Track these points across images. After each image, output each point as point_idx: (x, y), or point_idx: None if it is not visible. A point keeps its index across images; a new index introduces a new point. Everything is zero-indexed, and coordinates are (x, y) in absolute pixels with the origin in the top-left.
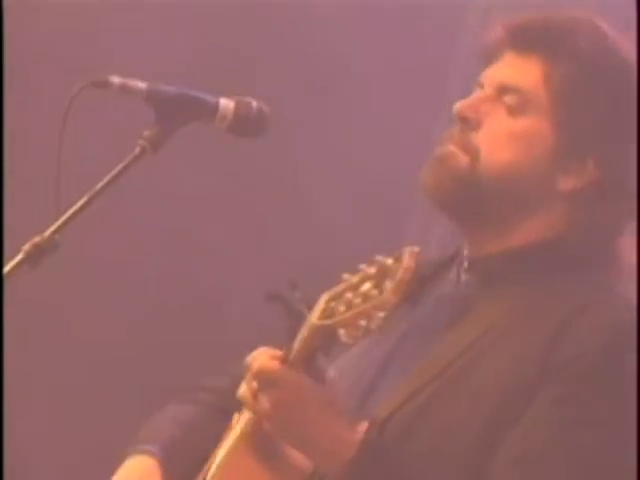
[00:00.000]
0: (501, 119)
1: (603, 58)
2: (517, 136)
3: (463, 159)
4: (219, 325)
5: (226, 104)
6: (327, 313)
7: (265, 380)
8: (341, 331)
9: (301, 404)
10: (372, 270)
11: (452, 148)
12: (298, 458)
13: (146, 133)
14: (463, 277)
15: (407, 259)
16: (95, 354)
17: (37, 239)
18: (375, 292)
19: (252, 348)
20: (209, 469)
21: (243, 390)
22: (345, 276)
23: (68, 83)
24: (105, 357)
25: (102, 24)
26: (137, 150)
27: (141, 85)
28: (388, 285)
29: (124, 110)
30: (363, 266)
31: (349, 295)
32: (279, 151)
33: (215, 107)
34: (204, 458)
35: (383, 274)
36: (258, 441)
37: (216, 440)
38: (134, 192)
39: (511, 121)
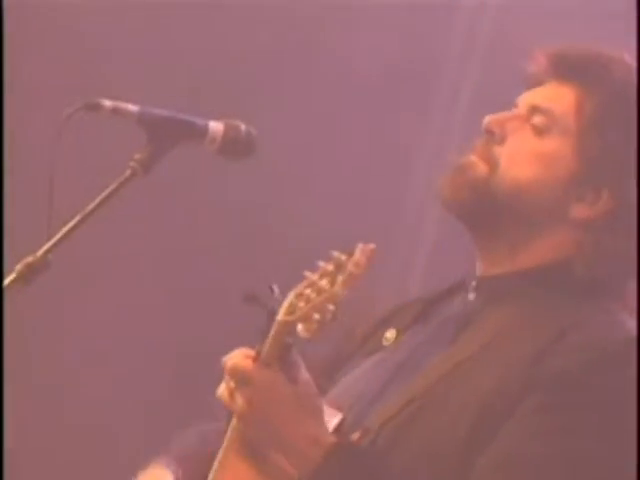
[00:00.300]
0: (526, 137)
1: (632, 93)
2: (538, 156)
3: (481, 169)
4: (212, 333)
5: (215, 127)
6: (291, 309)
7: (239, 379)
8: (299, 326)
9: (273, 402)
10: (330, 266)
11: (473, 158)
12: (279, 462)
13: (137, 156)
14: (471, 296)
15: (358, 254)
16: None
17: (29, 259)
18: (327, 286)
19: None
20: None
21: (221, 390)
22: (307, 274)
23: (68, 85)
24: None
25: (102, 25)
26: (128, 172)
27: (132, 108)
28: (339, 279)
29: (117, 131)
30: (321, 263)
31: (308, 291)
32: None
33: (205, 130)
34: None
35: (338, 269)
36: (246, 442)
37: None
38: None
39: (535, 141)
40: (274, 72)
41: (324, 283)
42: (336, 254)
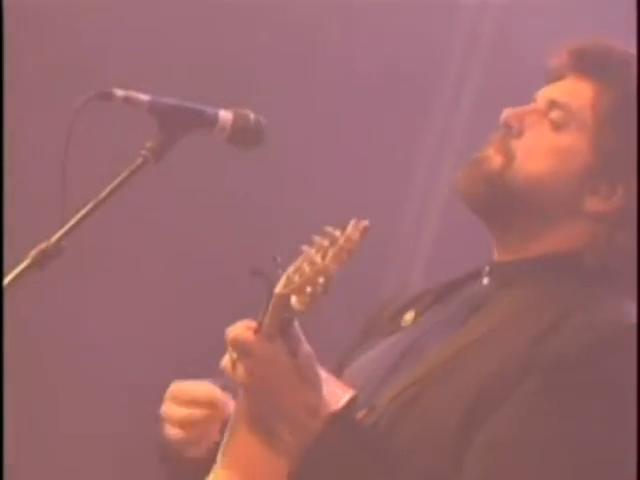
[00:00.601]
0: (543, 132)
1: None
2: (554, 150)
3: (497, 162)
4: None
5: (225, 115)
6: (286, 283)
7: (240, 350)
8: (293, 298)
9: (273, 374)
10: (325, 242)
11: (489, 152)
12: (281, 434)
13: (148, 144)
14: (485, 280)
15: (350, 229)
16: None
17: (43, 245)
18: (319, 260)
19: None
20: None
21: (225, 360)
22: (304, 248)
23: (68, 85)
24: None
25: (102, 24)
26: (140, 160)
27: (143, 97)
28: (330, 253)
29: (128, 120)
30: (317, 238)
31: (304, 265)
32: (272, 157)
33: (214, 118)
34: None
35: (331, 244)
36: (253, 414)
37: None
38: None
39: (553, 135)
40: (274, 72)
41: (317, 257)
42: (330, 229)
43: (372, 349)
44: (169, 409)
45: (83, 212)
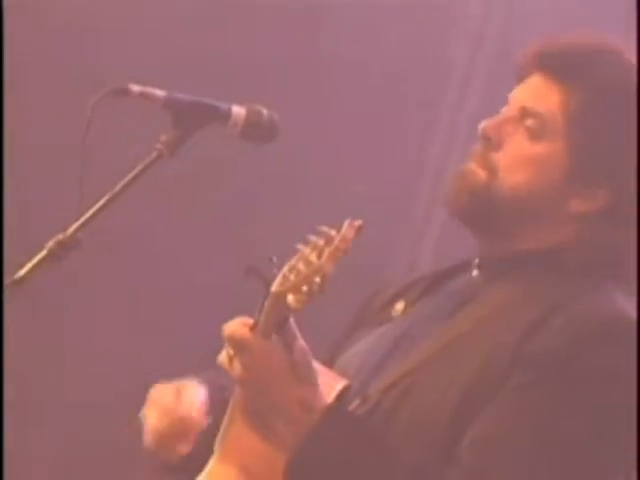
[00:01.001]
0: (521, 142)
1: (619, 87)
2: (533, 160)
3: (481, 176)
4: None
5: (238, 111)
6: (282, 281)
7: (236, 346)
8: (289, 297)
9: (269, 369)
10: (320, 241)
11: (473, 166)
12: (277, 426)
13: (163, 138)
14: (474, 273)
15: (345, 229)
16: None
17: (60, 236)
18: (315, 259)
19: None
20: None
21: (222, 356)
22: (299, 247)
23: (68, 82)
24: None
25: (103, 22)
26: (155, 154)
27: (159, 93)
28: (326, 252)
29: (142, 115)
30: (312, 237)
31: (300, 264)
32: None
33: (228, 114)
34: None
35: (326, 243)
36: (249, 408)
37: None
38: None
39: (530, 145)
40: (282, 71)
41: (313, 256)
42: (325, 229)
43: (363, 339)
44: (146, 414)
45: (99, 205)
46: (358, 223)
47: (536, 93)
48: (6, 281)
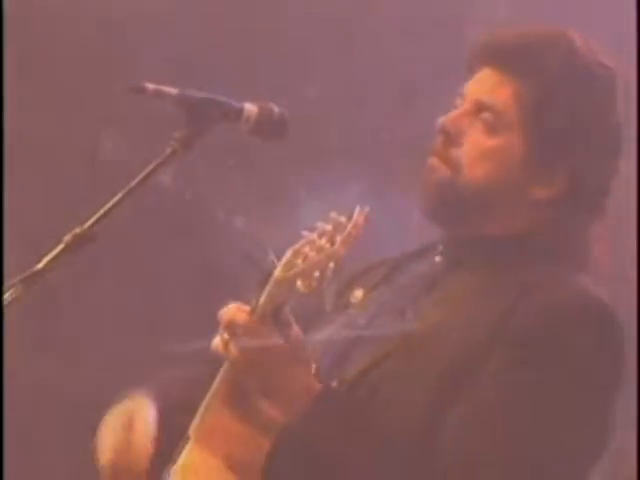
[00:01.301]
0: (479, 136)
1: (570, 75)
2: (492, 153)
3: (445, 172)
4: None
5: (250, 108)
6: (288, 267)
7: (235, 330)
8: (298, 282)
9: (266, 353)
10: (328, 227)
11: (435, 161)
12: (266, 411)
13: (176, 135)
14: (437, 259)
15: (356, 216)
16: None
17: (77, 230)
18: (327, 245)
19: None
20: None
21: (216, 341)
22: (305, 233)
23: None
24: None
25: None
26: (169, 150)
27: (172, 90)
28: (338, 239)
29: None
30: (320, 223)
31: (306, 249)
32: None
33: (240, 111)
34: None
35: (336, 230)
36: (232, 394)
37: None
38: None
39: (487, 139)
40: (307, 64)
41: (323, 242)
42: (334, 215)
43: (323, 326)
44: (100, 448)
45: (115, 200)
46: (367, 209)
47: (489, 86)
48: (24, 274)
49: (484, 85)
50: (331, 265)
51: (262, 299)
